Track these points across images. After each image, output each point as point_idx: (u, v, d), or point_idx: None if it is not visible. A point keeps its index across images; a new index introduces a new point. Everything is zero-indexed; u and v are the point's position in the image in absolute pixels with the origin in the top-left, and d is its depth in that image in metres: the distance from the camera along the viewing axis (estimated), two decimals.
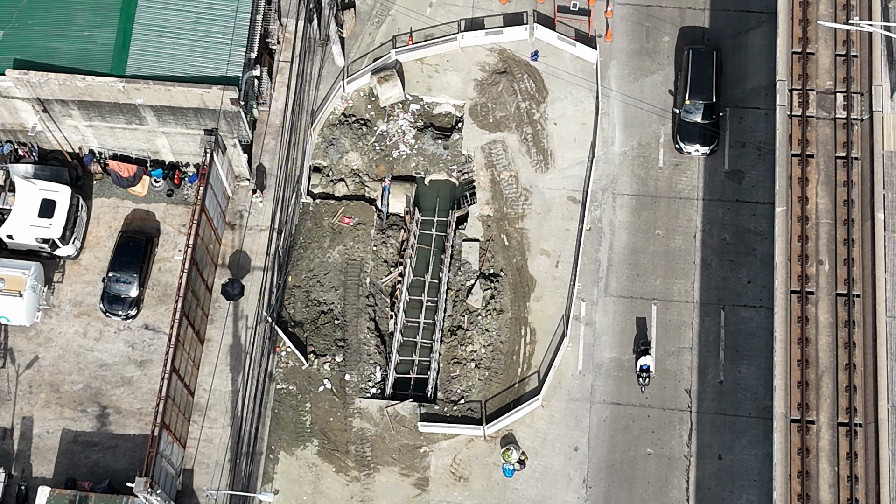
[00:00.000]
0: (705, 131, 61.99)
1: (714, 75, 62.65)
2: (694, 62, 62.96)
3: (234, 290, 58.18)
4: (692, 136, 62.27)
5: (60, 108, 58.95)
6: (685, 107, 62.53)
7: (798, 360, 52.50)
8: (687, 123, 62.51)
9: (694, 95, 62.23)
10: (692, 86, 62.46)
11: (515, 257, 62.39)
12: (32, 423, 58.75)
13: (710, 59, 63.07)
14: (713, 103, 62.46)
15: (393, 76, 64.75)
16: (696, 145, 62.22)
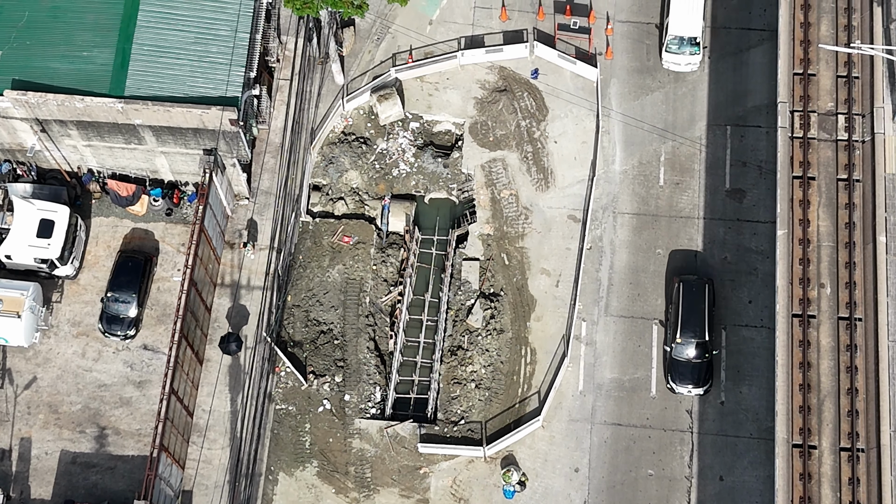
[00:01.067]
0: (698, 370, 58.17)
1: (707, 310, 58.38)
2: (685, 296, 58.73)
3: (232, 346, 57.97)
4: (684, 376, 58.18)
5: (59, 128, 58.76)
6: (676, 345, 58.44)
7: (800, 385, 52.32)
8: (678, 362, 58.32)
9: (685, 333, 58.19)
10: (683, 323, 58.29)
11: (516, 276, 62.20)
12: (31, 444, 58.55)
13: (702, 293, 58.76)
14: (706, 341, 58.40)
15: (393, 94, 64.57)
16: (688, 385, 58.17)
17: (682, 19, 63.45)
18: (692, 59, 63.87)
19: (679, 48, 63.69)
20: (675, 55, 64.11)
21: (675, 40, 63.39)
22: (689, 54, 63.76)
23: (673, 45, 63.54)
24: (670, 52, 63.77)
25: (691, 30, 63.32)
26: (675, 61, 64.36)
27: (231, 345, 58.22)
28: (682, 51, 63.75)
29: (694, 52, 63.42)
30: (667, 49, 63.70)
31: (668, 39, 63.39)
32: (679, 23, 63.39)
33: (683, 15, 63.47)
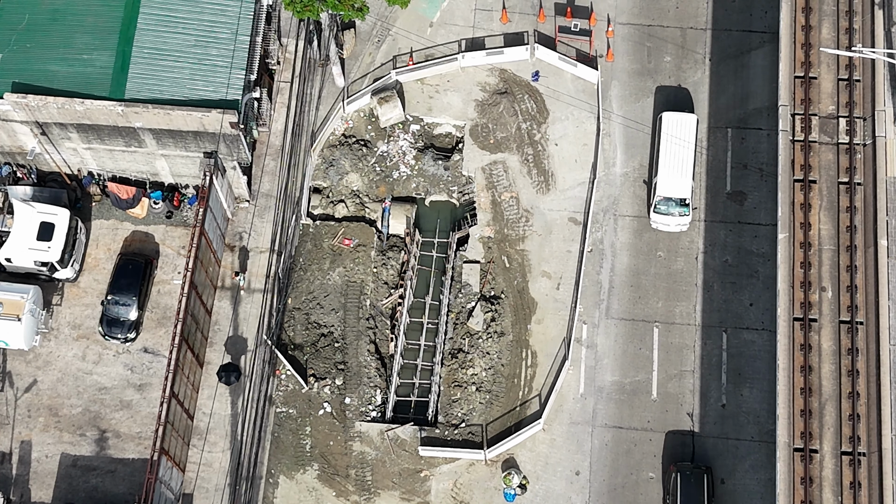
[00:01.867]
0: None
1: None
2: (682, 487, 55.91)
3: (231, 377, 57.85)
4: None
5: (59, 130, 58.67)
6: None
7: (801, 389, 52.27)
8: None
9: None
10: None
11: (516, 279, 62.14)
12: (31, 447, 58.48)
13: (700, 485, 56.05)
14: None
15: (393, 97, 64.50)
16: None
17: (670, 179, 60.34)
18: (682, 219, 60.23)
19: (668, 209, 60.34)
20: (663, 216, 60.60)
21: (664, 201, 59.93)
22: (679, 215, 60.17)
23: (661, 206, 59.97)
24: (659, 212, 59.92)
25: (680, 191, 60.20)
26: (665, 222, 60.85)
27: (230, 375, 58.13)
28: (671, 212, 60.28)
29: (683, 212, 59.73)
30: (655, 209, 60.04)
31: (657, 200, 59.77)
32: (667, 183, 60.26)
33: (672, 175, 60.35)
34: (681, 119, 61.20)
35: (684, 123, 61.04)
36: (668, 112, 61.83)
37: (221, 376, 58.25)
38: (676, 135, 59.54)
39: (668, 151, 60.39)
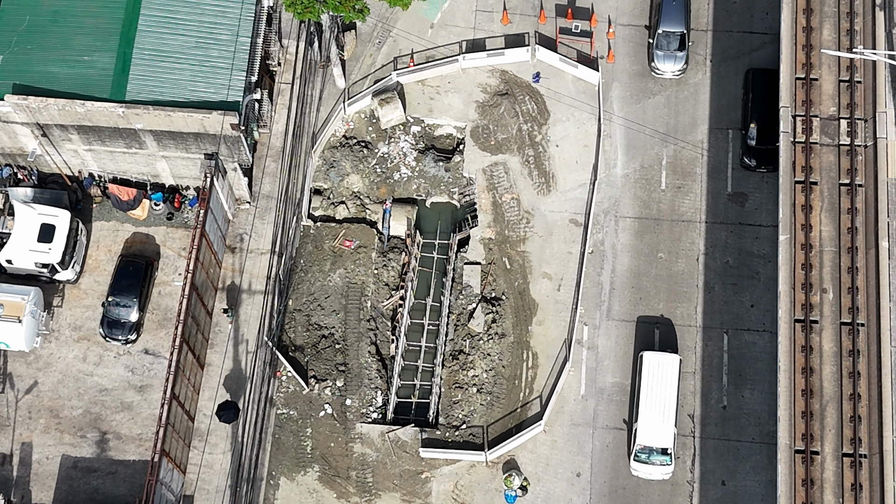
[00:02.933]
0: None
1: None
2: None
3: (230, 414, 57.77)
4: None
5: (60, 132, 58.67)
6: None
7: (802, 390, 52.22)
8: None
9: None
10: None
11: (517, 280, 62.11)
12: (32, 448, 58.48)
13: None
14: None
15: (394, 98, 64.47)
16: None
17: (651, 427, 57.05)
18: (664, 468, 57.06)
19: (648, 458, 57.15)
20: (644, 465, 57.23)
21: (644, 450, 57.01)
22: (660, 464, 57.10)
23: (641, 454, 57.02)
24: (639, 460, 56.92)
25: (662, 440, 56.93)
26: (647, 471, 57.41)
27: (229, 413, 58.06)
28: (653, 461, 57.13)
29: (665, 461, 56.89)
30: (635, 458, 56.92)
31: (637, 448, 56.89)
32: (648, 431, 57.00)
33: (653, 422, 57.07)
34: (662, 360, 57.84)
35: (666, 364, 57.71)
36: (648, 352, 58.26)
37: (221, 416, 58.16)
38: (658, 377, 57.43)
39: (649, 396, 57.49)
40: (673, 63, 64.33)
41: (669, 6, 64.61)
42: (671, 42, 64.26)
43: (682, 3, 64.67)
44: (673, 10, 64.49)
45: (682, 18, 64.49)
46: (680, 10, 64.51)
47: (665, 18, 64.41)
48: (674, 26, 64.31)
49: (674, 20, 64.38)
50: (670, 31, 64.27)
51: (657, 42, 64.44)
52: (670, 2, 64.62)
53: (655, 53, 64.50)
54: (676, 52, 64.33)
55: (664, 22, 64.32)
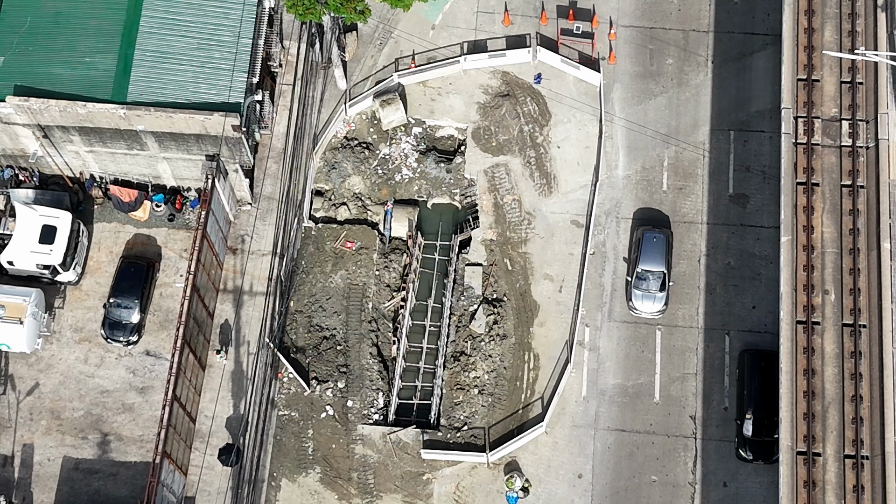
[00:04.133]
0: None
1: None
2: None
3: (232, 458, 57.67)
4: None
5: (61, 134, 58.66)
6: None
7: (804, 392, 52.19)
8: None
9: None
10: None
11: (519, 282, 62.09)
12: (33, 450, 58.46)
13: None
14: None
15: (395, 99, 64.45)
16: None
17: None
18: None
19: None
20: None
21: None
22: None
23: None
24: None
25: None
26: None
27: (231, 456, 57.97)
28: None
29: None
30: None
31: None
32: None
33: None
34: None
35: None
36: None
37: (223, 459, 58.08)
38: None
39: None
40: (652, 303, 59.96)
41: (650, 243, 60.13)
42: (651, 282, 59.78)
43: (664, 240, 59.95)
44: (653, 248, 60.03)
45: (663, 257, 59.73)
46: (661, 247, 59.84)
47: (645, 256, 59.73)
48: (654, 265, 59.73)
49: (654, 259, 59.73)
50: (650, 269, 59.68)
51: (635, 280, 59.88)
52: (651, 238, 60.17)
53: (633, 292, 60.03)
54: (657, 292, 60.01)
55: (644, 260, 59.63)
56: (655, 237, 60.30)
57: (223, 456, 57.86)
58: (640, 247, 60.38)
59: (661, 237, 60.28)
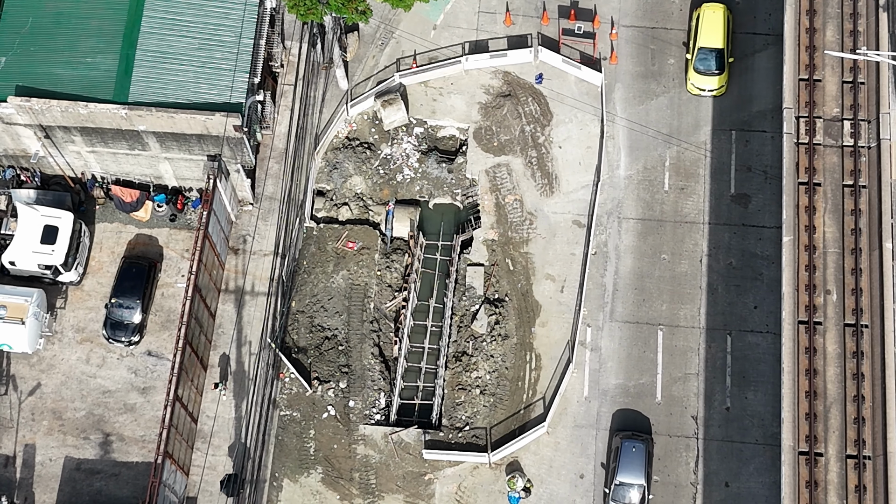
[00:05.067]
0: None
1: None
2: None
3: (235, 488, 57.55)
4: None
5: (63, 134, 58.67)
6: None
7: (806, 392, 52.18)
8: None
9: None
10: None
11: (520, 282, 62.07)
12: (35, 450, 58.47)
13: None
14: None
15: (397, 99, 64.44)
16: None
17: None
18: None
19: None
20: None
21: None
22: None
23: None
24: None
25: None
26: None
27: (235, 486, 57.80)
28: None
29: None
30: None
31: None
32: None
33: None
34: None
35: None
36: None
37: (225, 491, 57.87)
38: None
39: None
40: None
41: (628, 453, 56.73)
42: (630, 495, 56.58)
43: (643, 450, 56.70)
44: (632, 458, 56.73)
45: (643, 469, 56.44)
46: (640, 457, 56.60)
47: (623, 468, 56.40)
48: (632, 477, 56.33)
49: (633, 470, 56.47)
50: (628, 483, 56.34)
51: (613, 492, 56.59)
52: (629, 447, 56.77)
53: None
54: None
55: (622, 471, 56.33)
56: (634, 447, 56.60)
57: (224, 484, 57.62)
58: (618, 456, 56.69)
59: (640, 447, 56.53)
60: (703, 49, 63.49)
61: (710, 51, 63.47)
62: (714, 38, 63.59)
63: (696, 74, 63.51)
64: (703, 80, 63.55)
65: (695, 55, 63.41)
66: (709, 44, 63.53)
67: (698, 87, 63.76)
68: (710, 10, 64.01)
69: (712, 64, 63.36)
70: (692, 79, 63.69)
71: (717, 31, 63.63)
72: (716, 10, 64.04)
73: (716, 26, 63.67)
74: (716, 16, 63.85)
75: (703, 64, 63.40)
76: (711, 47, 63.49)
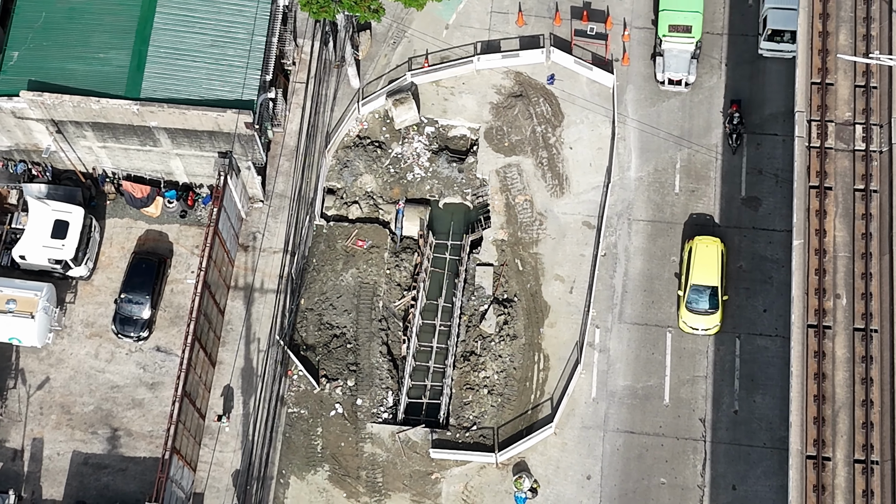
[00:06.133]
0: None
1: None
2: None
3: None
4: None
5: (74, 129, 58.78)
6: None
7: (814, 396, 52.03)
8: None
9: None
10: None
11: (529, 282, 62.05)
12: (43, 444, 58.60)
13: None
14: None
15: (408, 98, 64.46)
16: None
17: None
18: None
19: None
20: None
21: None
22: None
23: None
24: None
25: None
26: None
27: None
28: None
29: None
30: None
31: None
32: None
33: None
34: None
35: None
36: None
37: None
38: None
39: None
40: None
41: None
42: None
43: None
44: None
45: None
46: None
47: None
48: None
49: None
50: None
51: None
52: None
53: None
54: None
55: None
56: None
57: None
58: None
59: None
60: (696, 286, 59.22)
61: (704, 288, 59.27)
62: (708, 274, 59.22)
63: (689, 313, 59.37)
64: (696, 319, 59.41)
65: (687, 292, 59.29)
66: (702, 281, 59.22)
67: (691, 325, 59.52)
68: (703, 243, 59.73)
69: (706, 303, 59.18)
70: (684, 317, 59.44)
71: (711, 267, 59.28)
72: (709, 244, 59.72)
73: (709, 262, 59.37)
74: (709, 250, 59.56)
75: (696, 302, 59.22)
76: (705, 285, 59.28)
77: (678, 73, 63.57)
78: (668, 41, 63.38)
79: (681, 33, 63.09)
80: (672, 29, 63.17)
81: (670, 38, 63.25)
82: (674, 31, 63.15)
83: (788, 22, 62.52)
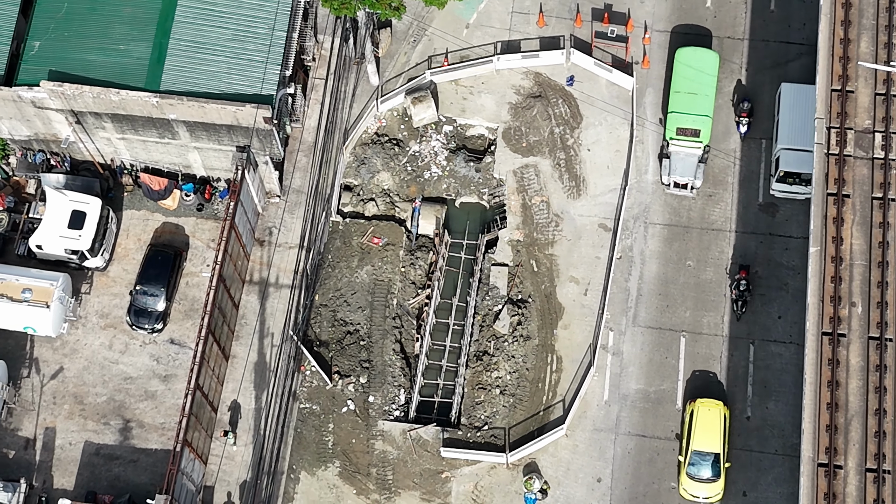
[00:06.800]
0: None
1: None
2: None
3: None
4: None
5: (94, 120, 58.95)
6: None
7: (827, 404, 51.86)
8: None
9: None
10: None
11: (544, 284, 62.00)
12: (55, 434, 58.77)
13: None
14: None
15: (427, 97, 64.47)
16: None
17: None
18: None
19: None
20: None
21: None
22: None
23: None
24: None
25: None
26: None
27: None
28: None
29: None
30: None
31: None
32: None
33: None
34: None
35: None
36: None
37: None
38: None
39: None
40: None
41: None
42: None
43: None
44: None
45: None
46: None
47: None
48: None
49: None
50: None
51: None
52: None
53: None
54: None
55: None
56: None
57: None
58: None
59: None
60: (697, 453, 56.78)
61: (705, 455, 56.85)
62: (709, 441, 56.78)
63: (690, 480, 56.93)
64: (697, 487, 56.92)
65: (687, 459, 56.90)
66: (703, 447, 56.78)
67: (691, 493, 57.04)
68: (704, 407, 57.40)
69: (707, 471, 56.73)
70: (684, 484, 57.04)
71: (712, 433, 56.85)
72: (711, 408, 57.34)
73: (711, 427, 56.91)
74: (711, 415, 57.13)
75: (696, 470, 56.72)
76: (706, 451, 56.90)
77: (684, 177, 61.95)
78: (676, 144, 61.86)
79: (689, 137, 61.52)
80: (680, 132, 61.54)
81: (678, 141, 61.73)
82: (682, 135, 61.51)
83: (802, 164, 60.40)
